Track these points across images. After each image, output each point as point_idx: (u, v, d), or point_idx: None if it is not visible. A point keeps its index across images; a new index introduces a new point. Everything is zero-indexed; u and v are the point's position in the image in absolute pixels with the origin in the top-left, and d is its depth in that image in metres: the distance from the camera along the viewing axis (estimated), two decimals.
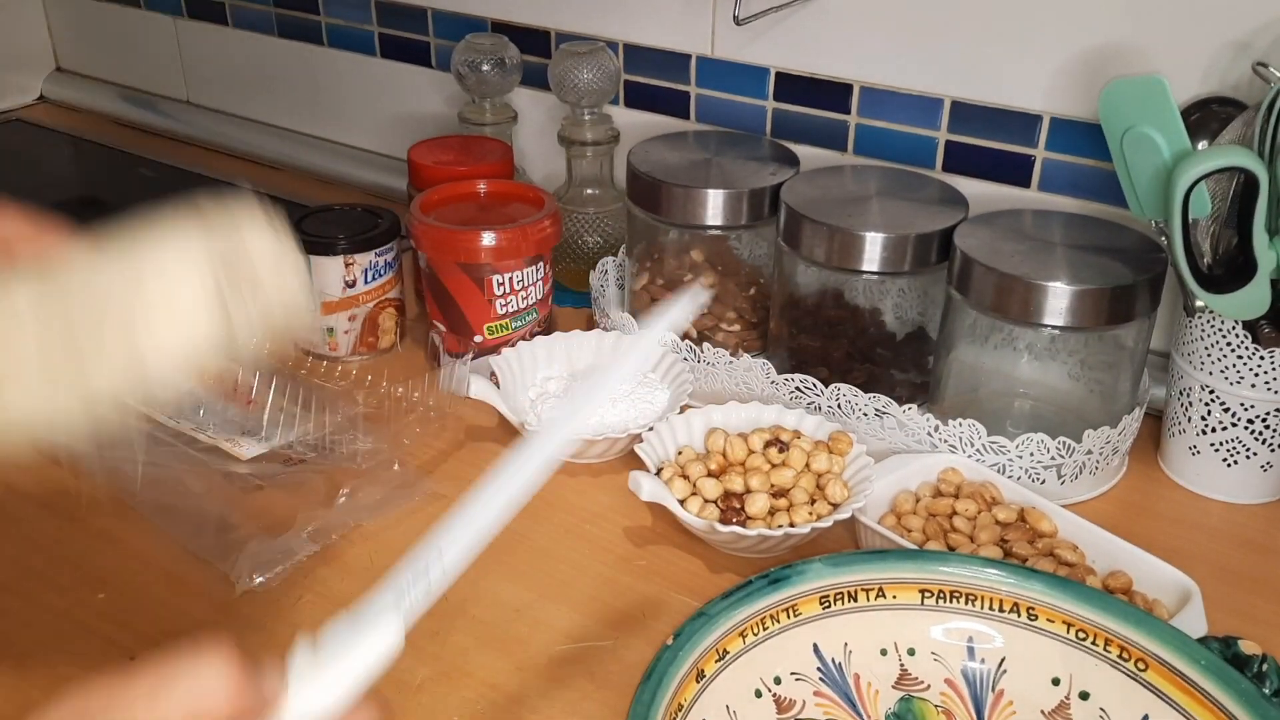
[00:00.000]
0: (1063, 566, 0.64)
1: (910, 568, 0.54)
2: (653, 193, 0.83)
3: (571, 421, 0.47)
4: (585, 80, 0.93)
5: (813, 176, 0.83)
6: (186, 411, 0.77)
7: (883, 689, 0.54)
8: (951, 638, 0.54)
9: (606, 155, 0.98)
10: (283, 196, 1.20)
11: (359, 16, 1.18)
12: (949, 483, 0.71)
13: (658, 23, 0.98)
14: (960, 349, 0.77)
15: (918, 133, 0.89)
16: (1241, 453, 0.74)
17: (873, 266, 0.76)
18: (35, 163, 1.33)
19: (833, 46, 0.90)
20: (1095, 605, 0.52)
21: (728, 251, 0.86)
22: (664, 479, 0.70)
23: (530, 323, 0.87)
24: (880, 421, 0.76)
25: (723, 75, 0.96)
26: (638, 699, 0.46)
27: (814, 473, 0.70)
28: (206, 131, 1.35)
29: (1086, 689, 0.52)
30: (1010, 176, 0.86)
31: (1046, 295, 0.69)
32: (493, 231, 0.82)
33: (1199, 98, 0.74)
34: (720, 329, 0.87)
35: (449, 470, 0.78)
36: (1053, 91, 0.82)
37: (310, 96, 1.27)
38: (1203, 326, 0.73)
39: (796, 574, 0.53)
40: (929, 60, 0.86)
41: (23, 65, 1.48)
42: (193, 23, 1.33)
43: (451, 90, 1.13)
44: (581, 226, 0.98)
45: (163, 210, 0.47)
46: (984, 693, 0.53)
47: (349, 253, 0.86)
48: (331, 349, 0.89)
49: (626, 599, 0.67)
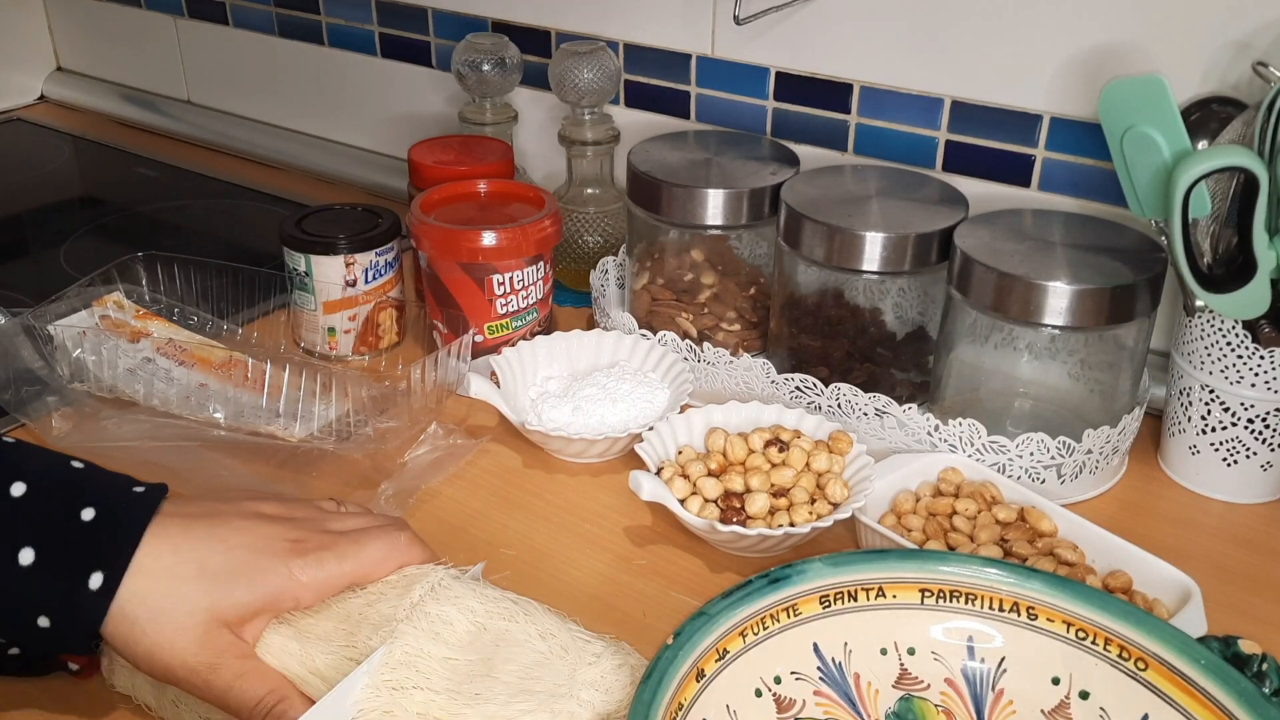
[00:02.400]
0: (1063, 566, 0.64)
1: (910, 567, 0.54)
2: (653, 192, 0.83)
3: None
4: (586, 80, 0.93)
5: (813, 176, 0.83)
6: (217, 407, 0.79)
7: (883, 688, 0.54)
8: (951, 637, 0.54)
9: (607, 155, 0.98)
10: (283, 196, 1.21)
11: (360, 16, 1.18)
12: (949, 482, 0.71)
13: (658, 23, 0.98)
14: (960, 349, 0.77)
15: (918, 133, 0.89)
16: (1241, 452, 0.74)
17: (873, 266, 0.76)
18: (35, 163, 1.33)
19: (833, 46, 0.90)
20: (1095, 605, 0.52)
21: (728, 251, 0.86)
22: (664, 479, 0.70)
23: (530, 322, 0.87)
24: (880, 421, 0.76)
25: (723, 75, 0.96)
26: (638, 699, 0.46)
27: (814, 472, 0.70)
28: (206, 131, 1.35)
29: (1086, 688, 0.52)
30: (1010, 176, 0.86)
31: (1046, 295, 0.70)
32: (493, 231, 0.82)
33: (1199, 98, 0.74)
34: (720, 329, 0.87)
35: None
36: (1053, 91, 0.82)
37: (311, 96, 1.27)
38: (1203, 326, 0.73)
39: (796, 574, 0.53)
40: (929, 60, 0.86)
41: (23, 65, 1.48)
42: (193, 22, 1.33)
43: (452, 90, 1.13)
44: (582, 226, 0.98)
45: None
46: (984, 692, 0.53)
47: (349, 252, 0.86)
48: (331, 348, 0.89)
49: (626, 599, 0.67)
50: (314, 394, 0.77)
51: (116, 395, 0.80)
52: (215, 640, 0.51)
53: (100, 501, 0.51)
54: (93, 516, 0.51)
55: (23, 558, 0.49)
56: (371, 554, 0.55)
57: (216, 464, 0.75)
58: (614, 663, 0.53)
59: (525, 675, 0.52)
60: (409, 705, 0.50)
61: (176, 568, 0.51)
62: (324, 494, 0.66)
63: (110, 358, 0.80)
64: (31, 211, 1.21)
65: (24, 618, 0.50)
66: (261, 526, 0.55)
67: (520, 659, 0.52)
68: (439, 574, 0.56)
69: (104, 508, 0.51)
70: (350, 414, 0.78)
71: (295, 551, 0.54)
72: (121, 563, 0.50)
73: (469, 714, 0.50)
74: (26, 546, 0.49)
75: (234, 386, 0.80)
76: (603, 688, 0.51)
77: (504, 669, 0.52)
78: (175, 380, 0.80)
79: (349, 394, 0.78)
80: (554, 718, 0.50)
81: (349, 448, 0.77)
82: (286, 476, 0.75)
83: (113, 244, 1.12)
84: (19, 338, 0.82)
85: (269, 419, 0.77)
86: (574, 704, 0.50)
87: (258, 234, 1.14)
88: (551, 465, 0.79)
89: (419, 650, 0.52)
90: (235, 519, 0.54)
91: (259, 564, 0.53)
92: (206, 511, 0.54)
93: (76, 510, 0.51)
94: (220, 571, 0.52)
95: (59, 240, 1.12)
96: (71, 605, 0.50)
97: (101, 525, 0.51)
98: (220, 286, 0.91)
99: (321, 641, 0.53)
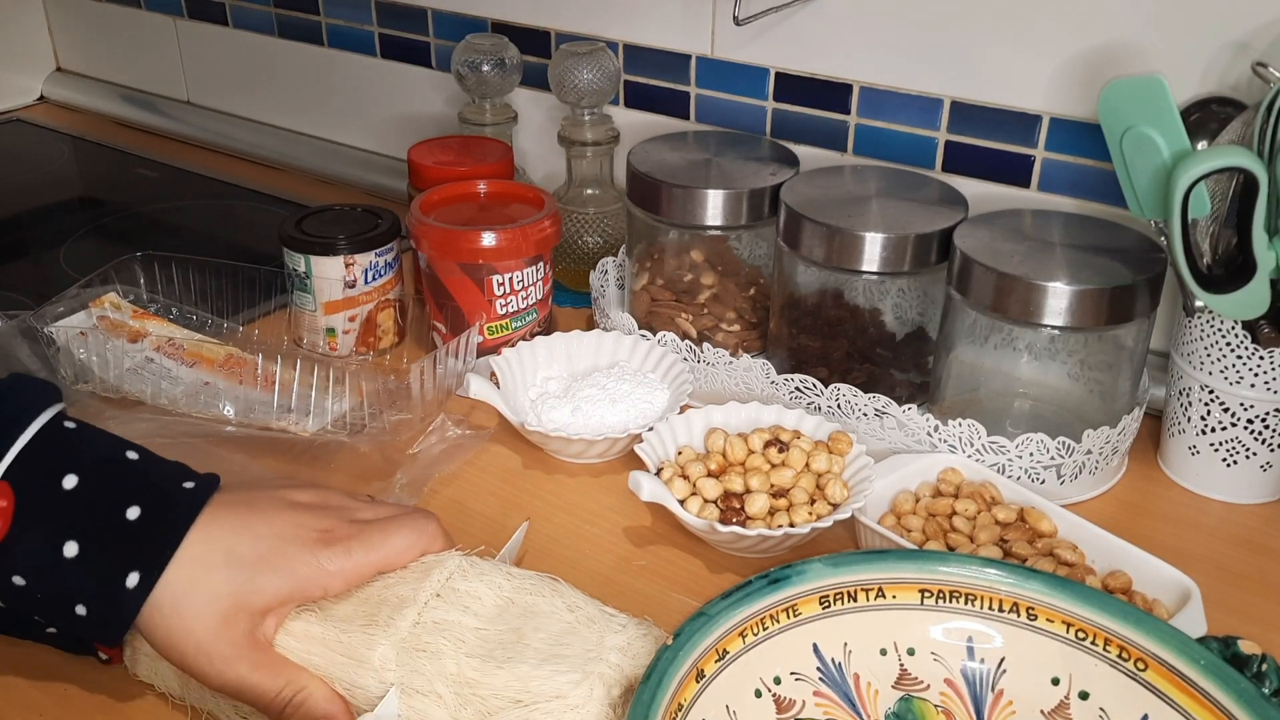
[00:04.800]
0: (1062, 566, 0.64)
1: (910, 568, 0.54)
2: (653, 193, 0.83)
3: None
4: (585, 80, 0.93)
5: (813, 176, 0.83)
6: (226, 404, 0.79)
7: (882, 689, 0.54)
8: (951, 638, 0.54)
9: (606, 155, 0.98)
10: (283, 197, 1.21)
11: (359, 17, 1.18)
12: (949, 483, 0.71)
13: (658, 23, 0.98)
14: (960, 349, 0.77)
15: (918, 133, 0.89)
16: (1241, 453, 0.74)
17: (872, 266, 0.76)
18: (35, 163, 1.33)
19: (833, 46, 0.90)
20: (1095, 605, 0.52)
21: (728, 251, 0.86)
22: (664, 479, 0.70)
23: (530, 323, 0.87)
24: (880, 421, 0.76)
25: (723, 75, 0.96)
26: (638, 699, 0.46)
27: (814, 473, 0.70)
28: (206, 131, 1.35)
29: (1086, 689, 0.52)
30: (1010, 176, 0.86)
31: (1046, 295, 0.70)
32: (493, 232, 0.82)
33: (1199, 98, 0.74)
34: (720, 329, 0.87)
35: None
36: (1053, 91, 0.82)
37: (310, 96, 1.27)
38: (1202, 326, 0.73)
39: (796, 574, 0.53)
40: (929, 60, 0.86)
41: (23, 65, 1.48)
42: (193, 23, 1.33)
43: (452, 90, 1.13)
44: (581, 226, 0.98)
45: None
46: (984, 692, 0.53)
47: (349, 253, 0.86)
48: (331, 349, 0.89)
49: (626, 599, 0.67)
50: (327, 388, 0.78)
51: (122, 395, 0.80)
52: (233, 629, 0.52)
53: (147, 499, 0.52)
54: (137, 516, 0.52)
55: (67, 550, 0.50)
56: (398, 543, 0.56)
57: (225, 460, 0.75)
58: (639, 632, 0.55)
59: (555, 642, 0.53)
60: (442, 668, 0.52)
61: (205, 556, 0.52)
62: (336, 487, 0.67)
63: (113, 358, 0.80)
64: (31, 212, 1.21)
65: (65, 603, 0.51)
66: (292, 515, 0.55)
67: (549, 628, 0.54)
68: (458, 559, 0.57)
69: (150, 506, 0.52)
70: (365, 405, 0.78)
71: (324, 541, 0.55)
72: (160, 563, 0.51)
73: (502, 674, 0.51)
74: (71, 540, 0.50)
75: (238, 384, 0.80)
76: (630, 653, 0.53)
77: (534, 637, 0.53)
78: (178, 379, 0.80)
79: (361, 388, 0.79)
80: (586, 678, 0.51)
81: (361, 440, 0.77)
82: (297, 471, 0.76)
83: (113, 244, 1.12)
84: (17, 340, 0.82)
85: (280, 414, 0.78)
86: (604, 666, 0.52)
87: (258, 234, 1.14)
88: (551, 465, 0.79)
89: (450, 620, 0.53)
90: (267, 508, 0.55)
91: (287, 552, 0.54)
92: (241, 500, 0.55)
93: (122, 508, 0.52)
94: (248, 559, 0.53)
95: (59, 241, 1.12)
96: (107, 600, 0.51)
97: (144, 525, 0.52)
98: (219, 287, 0.91)
99: (343, 623, 0.54)
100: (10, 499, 0.50)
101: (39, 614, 0.54)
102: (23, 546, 0.50)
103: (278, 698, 0.52)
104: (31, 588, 0.50)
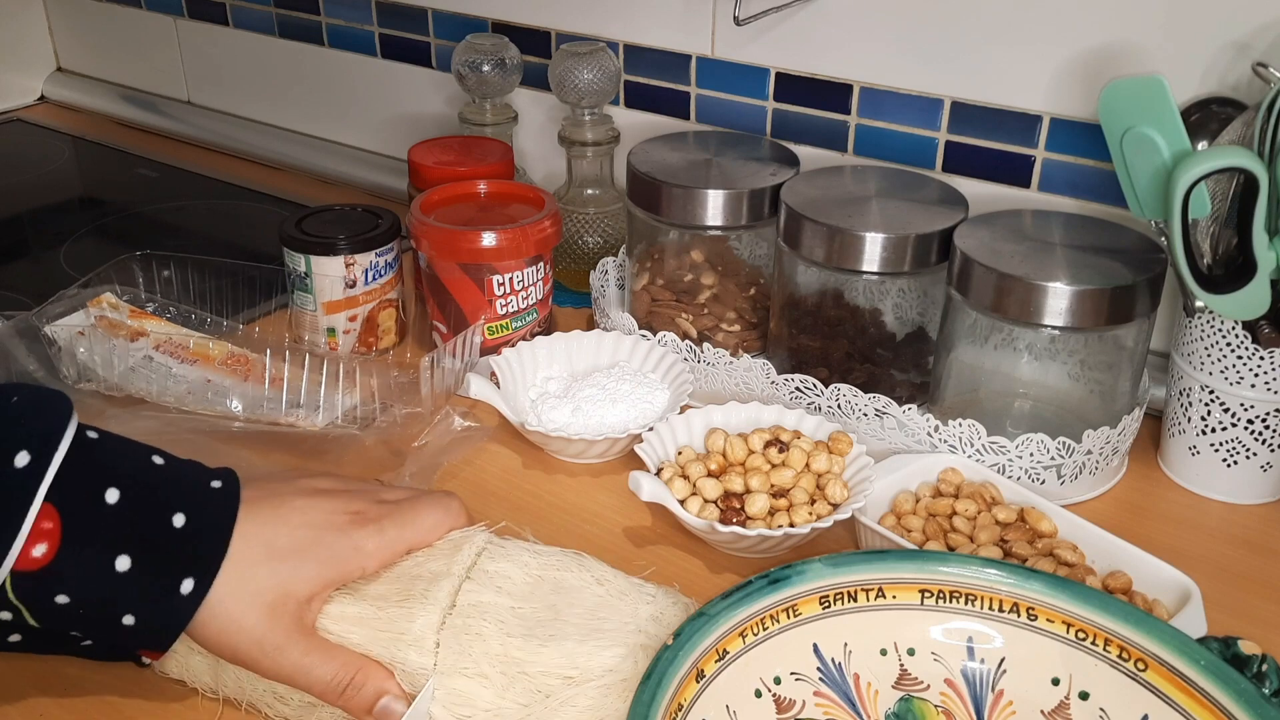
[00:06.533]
0: (1063, 566, 0.64)
1: (910, 568, 0.54)
2: (653, 193, 0.83)
3: None
4: (585, 80, 0.93)
5: (813, 177, 0.83)
6: (234, 401, 0.80)
7: (882, 689, 0.54)
8: (951, 638, 0.54)
9: (607, 155, 0.98)
10: (283, 196, 1.21)
11: (359, 17, 1.18)
12: (949, 483, 0.71)
13: (658, 23, 0.98)
14: (960, 349, 0.77)
15: (917, 133, 0.89)
16: (1241, 453, 0.74)
17: (873, 267, 0.76)
18: (35, 163, 1.33)
19: (833, 46, 0.90)
20: (1095, 605, 0.52)
21: (728, 251, 0.86)
22: (664, 479, 0.70)
23: (530, 323, 0.87)
24: (880, 422, 0.76)
25: (723, 75, 0.97)
26: (638, 699, 0.46)
27: (814, 473, 0.70)
28: (206, 131, 1.35)
29: (1086, 689, 0.52)
30: (1010, 177, 0.86)
31: (1046, 295, 0.70)
32: (493, 232, 0.82)
33: (1199, 98, 0.74)
34: (720, 329, 0.87)
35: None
36: (1053, 91, 0.82)
37: (310, 96, 1.27)
38: (1202, 327, 0.73)
39: (796, 574, 0.53)
40: (929, 60, 0.86)
41: (24, 65, 1.48)
42: (193, 23, 1.33)
43: (452, 90, 1.13)
44: (581, 226, 0.98)
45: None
46: (984, 693, 0.53)
47: (349, 253, 0.86)
48: (332, 349, 0.89)
49: None
50: (336, 383, 0.78)
51: (126, 394, 0.80)
52: (281, 618, 0.53)
53: (188, 506, 0.53)
54: (184, 523, 0.52)
55: (119, 564, 0.50)
56: (428, 520, 0.58)
57: (233, 456, 0.75)
58: (669, 600, 0.56)
59: (591, 616, 0.54)
60: (488, 649, 0.53)
61: (246, 553, 0.53)
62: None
63: (115, 358, 0.80)
64: (31, 212, 1.21)
65: (112, 617, 0.51)
66: (321, 502, 0.56)
67: (583, 603, 0.55)
68: (486, 534, 0.59)
69: (193, 513, 0.52)
70: (375, 399, 0.79)
71: (357, 523, 0.56)
72: (213, 568, 0.52)
73: (546, 652, 0.52)
74: (124, 554, 0.50)
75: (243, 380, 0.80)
76: (664, 622, 0.54)
77: (569, 612, 0.54)
78: (180, 378, 0.80)
79: (372, 382, 0.79)
80: (630, 651, 0.52)
81: (371, 434, 0.78)
82: (305, 465, 0.76)
83: (113, 244, 1.12)
84: (16, 340, 0.82)
85: (289, 410, 0.78)
86: (643, 637, 0.53)
87: (258, 234, 1.14)
88: (551, 465, 0.79)
89: (485, 602, 0.54)
90: (295, 498, 0.56)
91: (324, 539, 0.55)
92: (267, 494, 0.56)
93: (168, 517, 0.52)
94: (287, 550, 0.54)
95: (59, 241, 1.12)
96: (160, 609, 0.51)
97: (193, 532, 0.52)
98: (220, 287, 0.91)
99: (379, 600, 0.55)
100: (56, 520, 0.49)
101: (80, 629, 0.53)
102: (73, 566, 0.49)
103: (334, 680, 0.53)
104: (76, 604, 0.50)
